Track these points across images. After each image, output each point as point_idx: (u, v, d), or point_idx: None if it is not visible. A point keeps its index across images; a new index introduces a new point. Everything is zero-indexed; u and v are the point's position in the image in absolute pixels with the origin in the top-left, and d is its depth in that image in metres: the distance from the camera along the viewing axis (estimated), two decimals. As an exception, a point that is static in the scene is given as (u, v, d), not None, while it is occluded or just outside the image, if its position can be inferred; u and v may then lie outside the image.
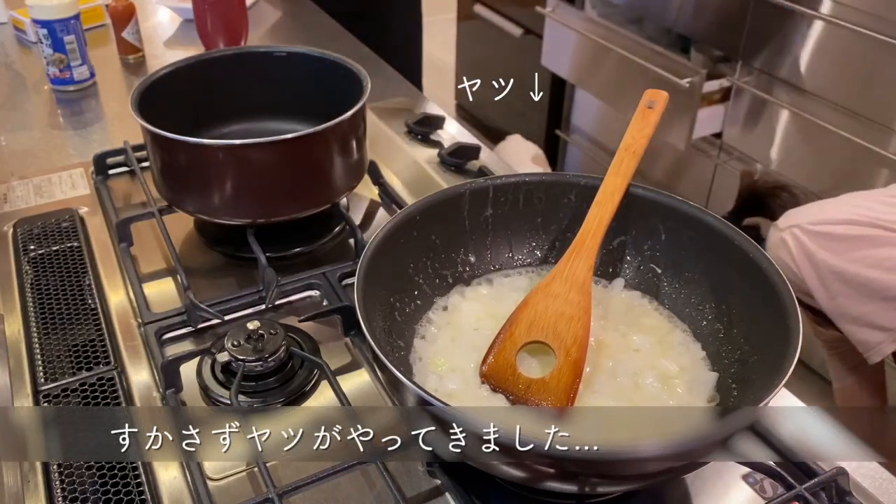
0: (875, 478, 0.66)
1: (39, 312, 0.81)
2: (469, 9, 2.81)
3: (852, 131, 1.61)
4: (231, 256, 0.91)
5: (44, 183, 1.03)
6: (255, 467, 0.65)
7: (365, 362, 0.77)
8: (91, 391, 0.72)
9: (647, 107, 0.76)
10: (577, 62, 2.24)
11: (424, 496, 0.64)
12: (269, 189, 0.85)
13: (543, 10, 2.27)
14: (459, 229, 0.76)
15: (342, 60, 0.95)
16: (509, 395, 0.65)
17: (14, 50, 1.48)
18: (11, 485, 0.64)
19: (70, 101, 1.30)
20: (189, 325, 0.80)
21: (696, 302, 0.72)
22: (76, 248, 0.90)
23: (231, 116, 1.01)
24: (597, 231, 0.70)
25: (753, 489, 0.64)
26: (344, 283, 0.85)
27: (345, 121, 0.85)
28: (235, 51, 1.02)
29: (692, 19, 1.94)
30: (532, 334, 0.66)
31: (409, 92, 1.33)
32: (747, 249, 0.66)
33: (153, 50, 1.48)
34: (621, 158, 0.73)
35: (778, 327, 0.60)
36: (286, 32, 1.62)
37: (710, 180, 2.03)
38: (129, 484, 0.63)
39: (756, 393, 0.59)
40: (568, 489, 0.57)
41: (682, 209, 0.72)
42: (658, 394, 0.65)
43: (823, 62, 1.68)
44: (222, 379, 0.73)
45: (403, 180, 1.05)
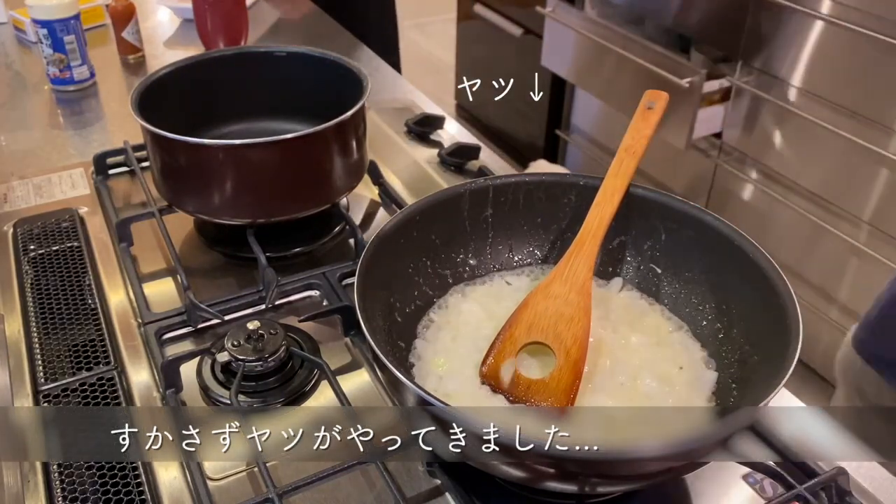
0: (875, 478, 0.66)
1: (39, 312, 0.81)
2: (469, 9, 2.81)
3: (852, 131, 1.61)
4: (231, 256, 0.91)
5: (44, 183, 1.03)
6: (255, 467, 0.65)
7: (365, 362, 0.77)
8: (91, 391, 0.72)
9: (647, 107, 0.76)
10: (577, 62, 2.24)
11: (424, 496, 0.64)
12: (269, 189, 0.85)
13: (543, 10, 2.27)
14: (459, 229, 0.76)
15: (342, 60, 0.95)
16: (509, 396, 0.65)
17: (14, 50, 1.48)
18: (11, 485, 0.64)
19: (70, 101, 1.30)
20: (189, 325, 0.80)
21: (696, 302, 0.72)
22: (76, 248, 0.90)
23: (231, 116, 1.01)
24: (597, 232, 0.70)
25: (753, 489, 0.64)
26: (344, 283, 0.85)
27: (345, 121, 0.85)
28: (235, 51, 1.02)
29: (692, 19, 1.94)
30: (532, 335, 0.66)
31: (410, 92, 1.33)
32: (747, 249, 0.66)
33: (153, 50, 1.48)
34: (621, 159, 0.73)
35: (778, 327, 0.60)
36: (286, 32, 1.62)
37: (710, 180, 2.03)
38: (129, 484, 0.63)
39: (756, 393, 0.59)
40: (568, 489, 0.57)
41: (682, 209, 0.72)
42: (658, 394, 0.65)
43: (823, 62, 1.68)
44: (222, 379, 0.73)
45: (403, 180, 1.05)
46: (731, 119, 1.91)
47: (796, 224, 1.82)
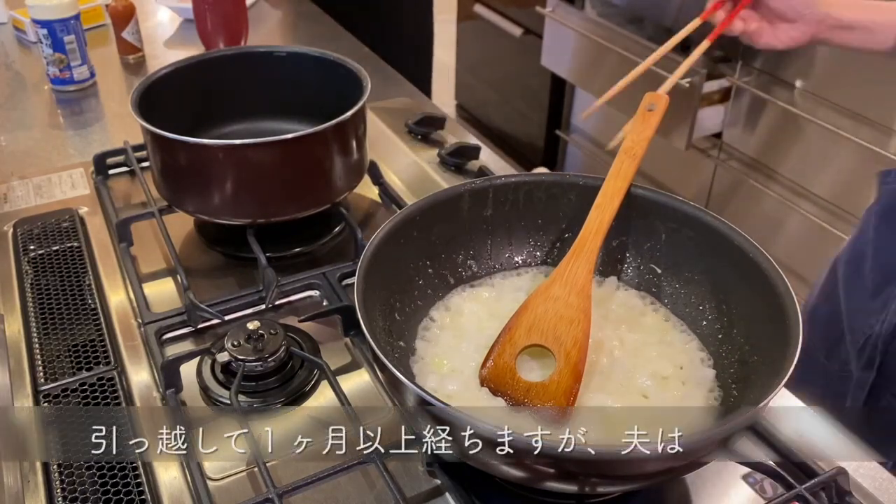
0: (875, 478, 0.66)
1: (39, 312, 0.81)
2: (469, 9, 2.81)
3: (852, 131, 1.61)
4: (231, 256, 0.91)
5: (44, 183, 1.03)
6: (255, 467, 0.64)
7: (365, 362, 0.77)
8: (91, 391, 0.72)
9: (647, 109, 0.76)
10: (577, 62, 2.24)
11: (424, 496, 0.64)
12: (269, 189, 0.85)
13: (543, 10, 2.27)
14: (459, 229, 0.76)
15: (342, 60, 0.95)
16: (509, 399, 0.65)
17: (14, 50, 1.48)
18: (11, 485, 0.64)
19: (70, 101, 1.30)
20: (189, 325, 0.80)
21: (696, 302, 0.72)
22: (76, 248, 0.90)
23: (231, 116, 1.01)
24: (597, 234, 0.70)
25: (753, 489, 0.64)
26: (344, 283, 0.85)
27: (345, 121, 0.85)
28: (235, 51, 1.02)
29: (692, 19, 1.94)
30: (532, 337, 0.66)
31: (410, 92, 1.33)
32: (747, 249, 0.66)
33: (153, 50, 1.48)
34: (621, 161, 0.73)
35: (778, 327, 0.60)
36: (286, 32, 1.62)
37: (710, 180, 2.03)
38: (129, 484, 0.63)
39: (756, 393, 0.59)
40: (568, 489, 0.57)
41: (682, 209, 0.72)
42: (658, 393, 0.65)
43: (823, 62, 1.68)
44: (222, 379, 0.73)
45: (403, 180, 1.05)
46: (731, 119, 1.91)
47: (796, 224, 1.82)
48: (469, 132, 1.19)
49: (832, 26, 0.90)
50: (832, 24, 0.90)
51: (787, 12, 0.89)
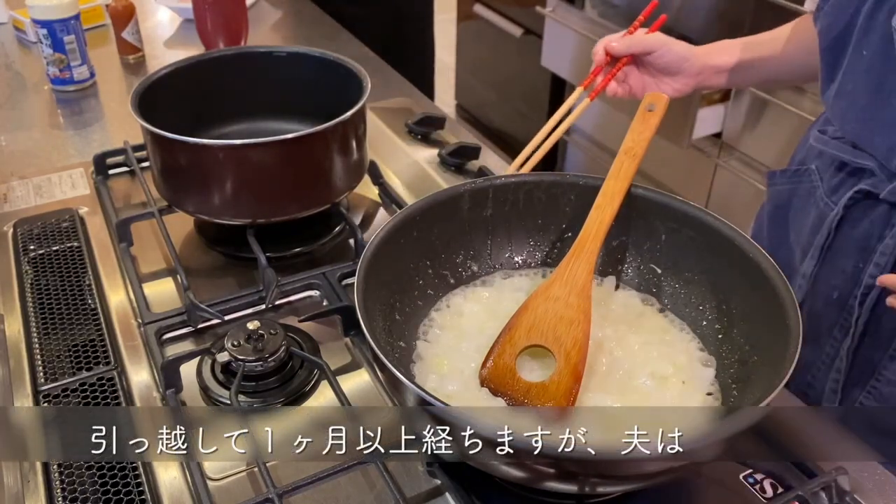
0: (875, 478, 0.66)
1: (39, 312, 0.81)
2: (469, 9, 2.81)
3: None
4: (231, 256, 0.91)
5: (44, 183, 1.03)
6: (255, 467, 0.65)
7: (365, 362, 0.77)
8: (91, 391, 0.72)
9: (647, 109, 0.76)
10: (577, 62, 2.24)
11: (424, 496, 0.64)
12: (269, 189, 0.85)
13: (543, 10, 2.27)
14: (459, 229, 0.76)
15: (342, 60, 0.95)
16: (509, 399, 0.65)
17: (14, 50, 1.48)
18: (11, 485, 0.64)
19: (70, 101, 1.30)
20: (189, 325, 0.80)
21: (696, 302, 0.72)
22: (76, 248, 0.90)
23: (231, 116, 1.01)
24: (597, 234, 0.70)
25: (753, 489, 0.64)
26: (344, 283, 0.85)
27: (345, 121, 0.85)
28: (235, 51, 1.02)
29: (692, 19, 1.94)
30: (532, 338, 0.66)
31: (410, 92, 1.33)
32: (747, 249, 0.66)
33: (153, 50, 1.48)
34: (621, 162, 0.73)
35: (778, 327, 0.60)
36: (286, 32, 1.62)
37: (710, 180, 2.03)
38: (129, 484, 0.63)
39: (756, 393, 0.59)
40: (568, 489, 0.57)
41: (682, 209, 0.72)
42: (658, 393, 0.65)
43: (823, 62, 1.67)
44: (222, 379, 0.73)
45: (403, 180, 1.05)
46: (732, 119, 1.91)
47: (796, 224, 1.82)
48: (469, 132, 1.19)
49: (714, 73, 0.94)
50: (713, 71, 0.94)
51: (668, 68, 0.93)
